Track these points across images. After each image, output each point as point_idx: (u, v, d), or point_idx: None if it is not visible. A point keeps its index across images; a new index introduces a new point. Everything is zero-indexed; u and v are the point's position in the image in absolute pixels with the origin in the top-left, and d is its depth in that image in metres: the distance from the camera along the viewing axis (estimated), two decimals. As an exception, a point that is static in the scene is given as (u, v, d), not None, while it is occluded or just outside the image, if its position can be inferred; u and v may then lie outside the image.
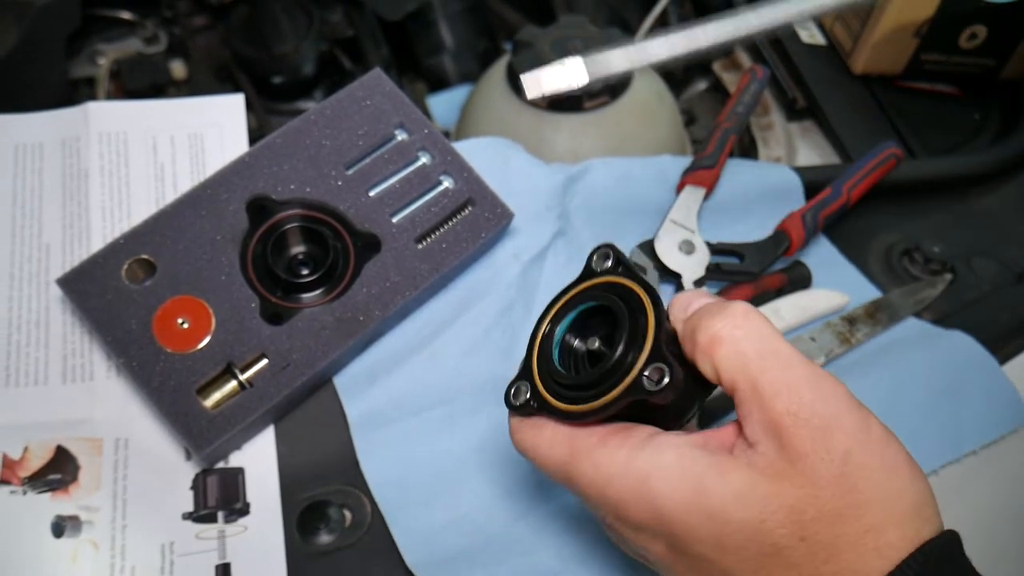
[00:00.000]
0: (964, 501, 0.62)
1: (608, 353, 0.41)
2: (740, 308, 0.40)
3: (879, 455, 0.38)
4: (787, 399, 0.38)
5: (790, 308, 0.67)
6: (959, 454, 0.62)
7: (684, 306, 0.43)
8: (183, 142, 0.67)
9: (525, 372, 0.45)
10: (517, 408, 0.45)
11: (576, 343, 0.45)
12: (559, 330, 0.45)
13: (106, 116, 0.66)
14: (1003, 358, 0.67)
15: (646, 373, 0.40)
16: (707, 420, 0.59)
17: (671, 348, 0.41)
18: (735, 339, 0.39)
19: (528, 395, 0.44)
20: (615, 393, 0.40)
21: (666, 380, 0.39)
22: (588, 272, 0.46)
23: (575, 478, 0.42)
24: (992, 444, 0.63)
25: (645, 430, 0.42)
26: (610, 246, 0.46)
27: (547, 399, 0.43)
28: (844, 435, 0.37)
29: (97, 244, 0.61)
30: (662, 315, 0.41)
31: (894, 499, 0.37)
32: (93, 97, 0.87)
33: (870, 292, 0.71)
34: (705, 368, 0.40)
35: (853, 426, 0.38)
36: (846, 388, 0.39)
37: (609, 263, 0.45)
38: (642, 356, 0.40)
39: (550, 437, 0.43)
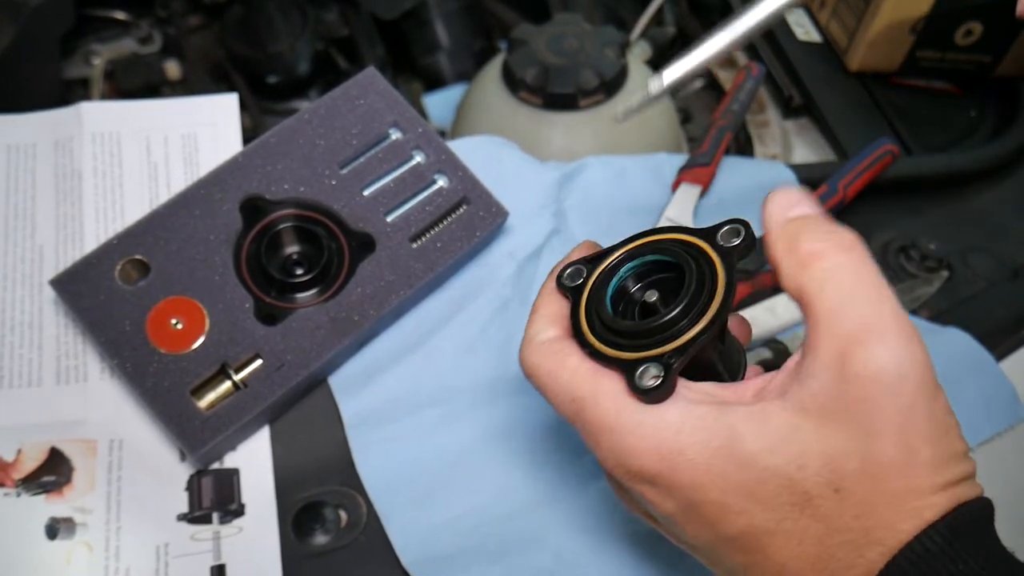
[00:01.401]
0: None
1: (663, 311, 0.39)
2: (851, 235, 0.37)
3: (940, 417, 0.36)
4: (865, 336, 0.35)
5: (786, 305, 0.67)
6: (956, 451, 0.62)
7: (787, 204, 0.39)
8: (176, 142, 0.66)
9: (575, 292, 0.43)
10: (567, 288, 0.43)
11: (634, 289, 0.43)
12: (623, 270, 0.43)
13: (99, 116, 0.66)
14: (1000, 354, 0.67)
15: (646, 365, 0.38)
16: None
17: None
18: (839, 259, 0.36)
19: (578, 283, 0.43)
20: (655, 352, 0.38)
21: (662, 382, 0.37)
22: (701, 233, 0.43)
23: (589, 418, 0.39)
24: (988, 441, 0.63)
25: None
26: (744, 223, 0.41)
27: (584, 330, 0.41)
28: (912, 389, 0.35)
29: (90, 245, 0.61)
30: (730, 298, 0.39)
31: (946, 463, 0.35)
32: (87, 97, 0.86)
33: (866, 289, 0.71)
34: (790, 278, 0.37)
35: (925, 381, 0.35)
36: (927, 350, 0.36)
37: (738, 240, 0.41)
38: (697, 326, 0.38)
39: (574, 368, 0.40)
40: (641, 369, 0.38)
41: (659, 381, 0.37)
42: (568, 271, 0.44)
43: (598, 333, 0.41)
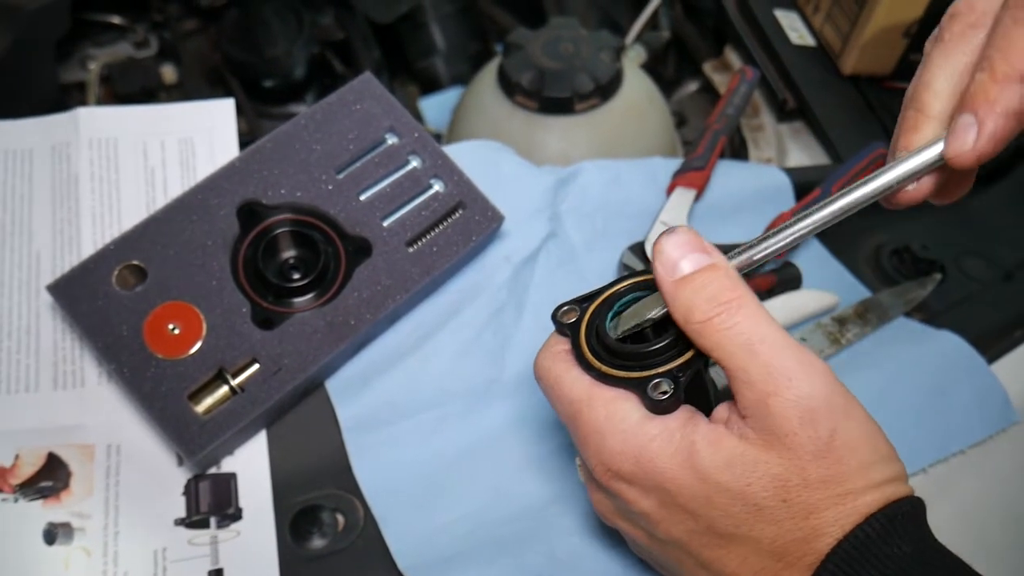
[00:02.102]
0: (952, 500, 0.62)
1: (666, 334, 0.44)
2: (731, 294, 0.42)
3: (861, 433, 0.41)
4: (776, 382, 0.40)
5: (780, 308, 0.67)
6: (947, 453, 0.62)
7: (671, 264, 0.43)
8: (173, 147, 0.67)
9: (579, 312, 0.48)
10: (561, 325, 0.48)
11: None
12: (626, 299, 0.47)
13: (96, 121, 0.66)
14: (992, 357, 0.67)
15: (656, 380, 0.43)
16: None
17: None
18: (729, 326, 0.41)
19: (573, 321, 0.47)
20: (645, 374, 0.44)
21: (667, 398, 0.43)
22: None
23: (584, 420, 0.44)
24: (980, 444, 0.63)
25: None
26: None
27: (589, 358, 0.46)
28: (828, 415, 0.40)
29: (88, 250, 0.61)
30: None
31: (874, 469, 0.41)
32: (83, 102, 0.86)
33: (860, 292, 0.71)
34: (700, 344, 0.42)
35: (838, 407, 0.41)
36: (831, 371, 0.42)
37: None
38: (680, 359, 0.44)
39: (577, 375, 0.45)
40: (652, 384, 0.43)
41: (670, 393, 0.42)
42: (563, 310, 0.48)
43: (604, 359, 0.45)
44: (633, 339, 0.46)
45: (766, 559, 0.41)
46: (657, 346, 0.44)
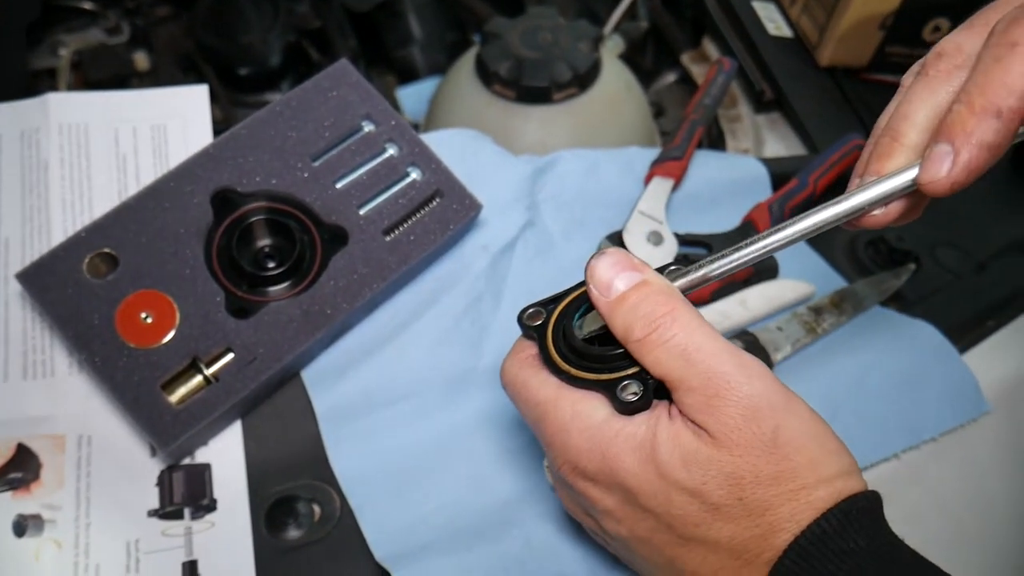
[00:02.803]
0: (924, 486, 0.63)
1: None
2: (664, 308, 0.43)
3: (805, 428, 0.42)
4: (716, 386, 0.42)
5: (757, 298, 0.67)
6: (919, 440, 0.63)
7: (604, 286, 0.45)
8: (145, 134, 0.66)
9: (547, 303, 0.48)
10: (527, 328, 0.48)
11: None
12: (583, 308, 0.47)
13: (66, 107, 0.65)
14: (964, 346, 0.68)
15: (626, 382, 0.44)
16: None
17: None
18: (665, 340, 0.43)
19: (540, 323, 0.47)
20: (614, 376, 0.44)
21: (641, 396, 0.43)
22: None
23: (549, 420, 0.45)
24: (952, 432, 0.64)
25: None
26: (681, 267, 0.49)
27: (556, 360, 0.46)
28: (771, 412, 0.42)
29: (58, 237, 0.60)
30: None
31: (823, 464, 0.42)
32: (54, 88, 0.85)
33: (835, 282, 0.71)
34: (642, 361, 0.43)
35: (779, 404, 0.42)
36: (770, 371, 0.43)
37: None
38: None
39: (544, 378, 0.46)
40: (621, 386, 0.43)
41: (639, 395, 0.43)
42: (528, 312, 0.48)
43: (571, 361, 0.46)
44: (601, 340, 0.46)
45: (725, 558, 0.42)
46: (624, 348, 0.44)
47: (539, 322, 0.48)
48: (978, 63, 0.43)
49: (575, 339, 0.46)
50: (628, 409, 0.43)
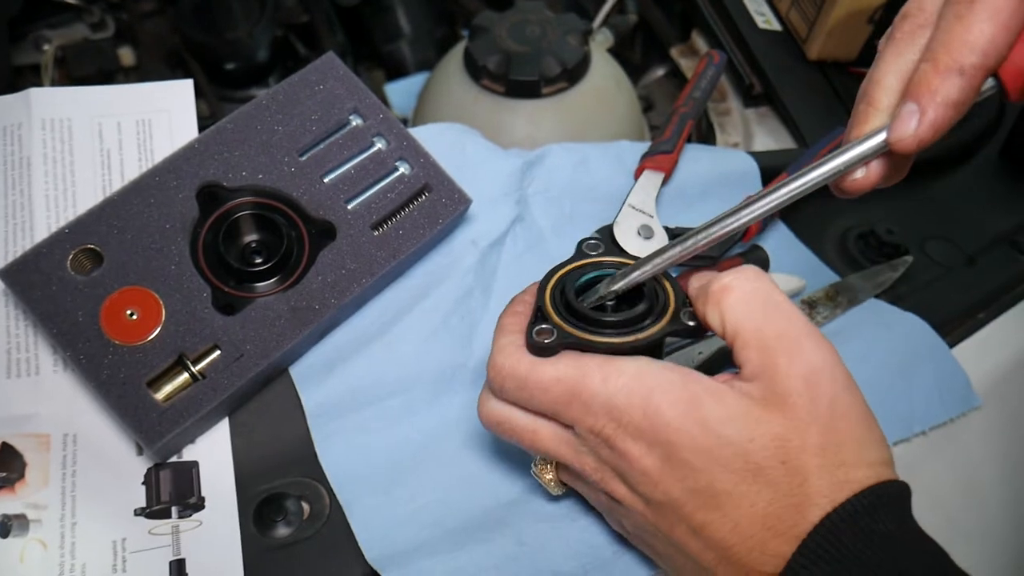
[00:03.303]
0: (915, 480, 0.62)
1: (643, 302, 0.48)
2: (751, 268, 0.46)
3: (859, 409, 0.44)
4: (785, 346, 0.43)
5: (748, 292, 0.67)
6: (909, 434, 0.63)
7: (701, 276, 0.48)
8: (130, 128, 0.65)
9: (537, 315, 0.50)
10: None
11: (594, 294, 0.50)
12: (588, 276, 0.51)
13: (49, 102, 0.64)
14: (954, 340, 0.68)
15: (684, 311, 0.48)
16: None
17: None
18: (744, 289, 0.45)
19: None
20: (656, 328, 0.47)
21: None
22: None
23: (584, 387, 0.45)
24: (942, 426, 0.64)
25: (643, 358, 0.46)
26: (597, 238, 0.55)
27: (552, 317, 0.48)
28: (831, 384, 0.43)
29: (41, 234, 0.59)
30: (677, 320, 0.48)
31: (868, 445, 0.43)
32: (38, 84, 0.84)
33: (826, 276, 0.71)
34: (712, 317, 0.46)
35: (840, 378, 0.44)
36: (834, 347, 0.45)
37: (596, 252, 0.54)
38: (671, 303, 0.48)
39: (553, 371, 0.46)
40: (683, 312, 0.48)
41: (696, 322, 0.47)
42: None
43: (582, 328, 0.47)
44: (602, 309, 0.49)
45: (757, 526, 0.42)
46: (632, 315, 0.47)
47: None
48: (940, 21, 0.44)
49: (576, 302, 0.48)
50: (694, 330, 0.47)
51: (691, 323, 0.47)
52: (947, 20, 0.43)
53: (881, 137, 0.45)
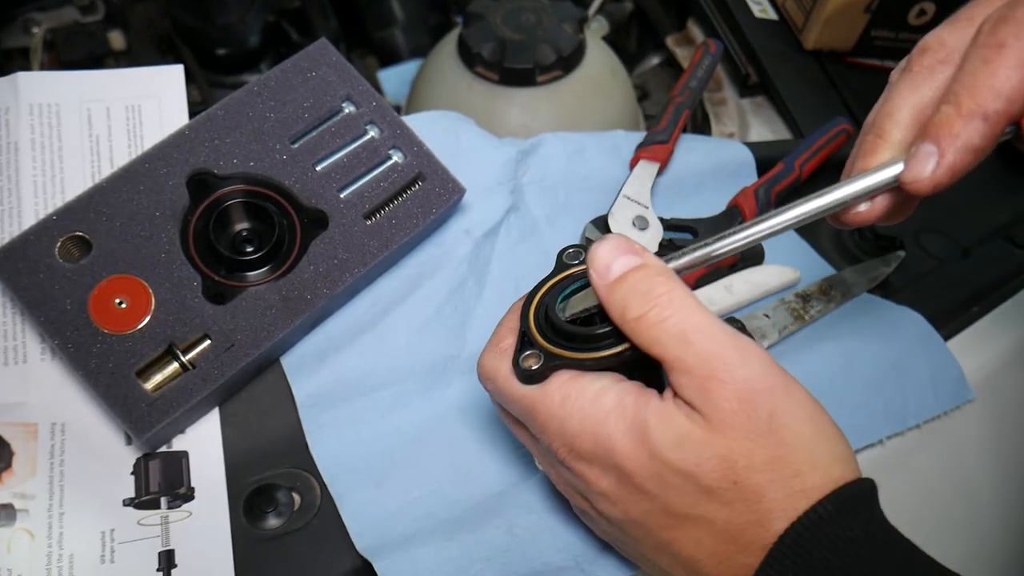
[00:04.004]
0: (908, 472, 0.63)
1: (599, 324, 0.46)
2: (662, 289, 0.43)
3: (802, 412, 0.42)
4: (712, 367, 0.41)
5: (742, 284, 0.67)
6: (903, 427, 0.63)
7: (604, 270, 0.45)
8: (119, 114, 0.64)
9: (523, 340, 0.48)
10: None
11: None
12: (569, 288, 0.48)
13: (37, 86, 0.63)
14: (949, 333, 0.68)
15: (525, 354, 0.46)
16: None
17: None
18: (663, 319, 0.42)
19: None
20: (618, 350, 0.44)
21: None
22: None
23: (539, 407, 0.45)
24: (936, 419, 0.64)
25: (611, 375, 0.45)
26: (582, 247, 0.50)
27: (534, 333, 0.47)
28: (768, 396, 0.41)
29: (29, 220, 0.59)
30: None
31: (818, 449, 0.41)
32: (27, 68, 0.83)
33: (821, 267, 0.71)
34: (633, 338, 0.43)
35: (776, 387, 0.42)
36: (768, 354, 0.43)
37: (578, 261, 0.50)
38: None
39: (518, 387, 0.46)
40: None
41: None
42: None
43: (557, 344, 0.46)
44: (583, 323, 0.47)
45: (720, 542, 0.42)
46: (606, 329, 0.45)
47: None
48: (965, 63, 0.43)
49: (559, 321, 0.46)
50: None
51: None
52: (973, 63, 0.42)
53: (892, 172, 0.43)
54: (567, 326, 0.46)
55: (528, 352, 0.46)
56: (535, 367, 0.46)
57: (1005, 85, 0.41)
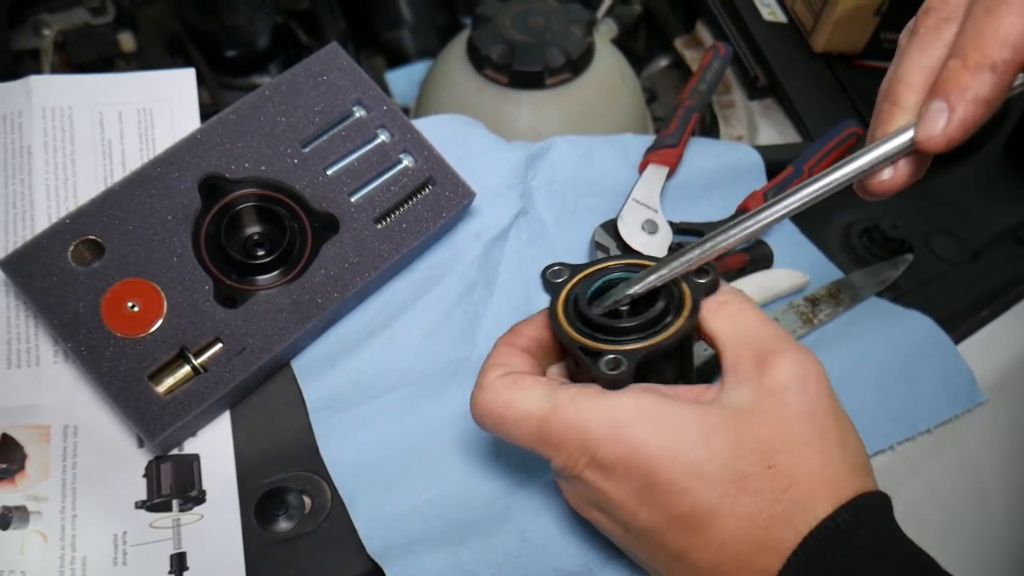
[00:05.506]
0: (919, 478, 0.63)
1: (648, 309, 0.46)
2: (736, 289, 0.48)
3: (839, 412, 0.44)
4: (776, 344, 0.44)
5: (752, 287, 0.67)
6: (914, 432, 0.63)
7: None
8: (131, 117, 0.64)
9: (569, 267, 0.50)
10: (552, 285, 0.50)
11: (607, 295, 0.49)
12: (603, 279, 0.49)
13: (49, 90, 0.64)
14: (959, 337, 0.68)
15: (609, 356, 0.44)
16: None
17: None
18: (741, 306, 0.46)
19: (563, 279, 0.50)
20: (664, 336, 0.45)
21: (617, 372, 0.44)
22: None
23: (553, 427, 0.44)
24: (947, 423, 0.64)
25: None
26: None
27: (564, 325, 0.47)
28: (817, 383, 0.44)
29: (41, 224, 0.59)
30: (699, 301, 0.47)
31: (850, 450, 0.43)
32: (37, 70, 0.83)
33: (830, 271, 0.71)
34: (706, 321, 0.46)
35: (825, 382, 0.44)
36: (820, 362, 0.45)
37: None
38: (679, 320, 0.45)
39: (527, 394, 0.46)
40: (605, 359, 0.44)
41: (624, 367, 0.44)
42: (553, 269, 0.50)
43: (581, 331, 0.46)
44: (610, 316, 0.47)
45: (743, 544, 0.41)
46: (640, 321, 0.45)
47: (562, 279, 0.49)
48: (968, 15, 0.42)
49: (591, 313, 0.47)
50: (606, 380, 0.44)
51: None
52: (976, 14, 0.42)
53: (907, 136, 0.43)
54: (602, 319, 0.46)
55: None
56: (556, 281, 0.48)
57: (1011, 32, 0.40)
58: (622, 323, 0.46)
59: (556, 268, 0.50)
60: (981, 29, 0.41)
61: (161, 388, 0.55)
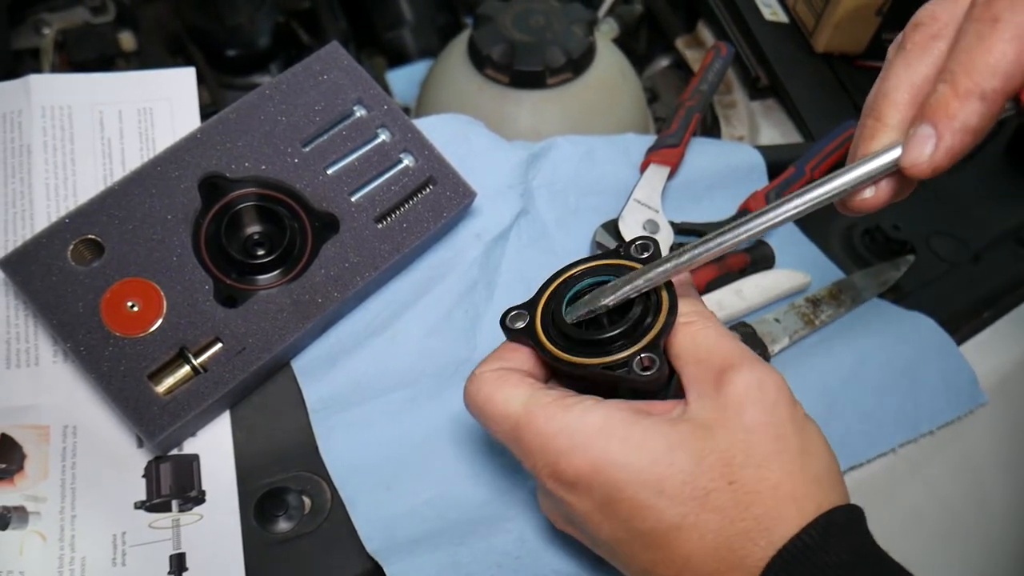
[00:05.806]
0: (921, 479, 0.63)
1: (619, 322, 0.46)
2: (704, 307, 0.48)
3: (800, 421, 0.43)
4: (733, 359, 0.44)
5: (753, 288, 0.67)
6: (916, 434, 0.62)
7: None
8: (131, 117, 0.64)
9: (529, 305, 0.49)
10: (511, 332, 0.49)
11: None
12: (579, 285, 0.49)
13: (49, 89, 0.63)
14: (961, 338, 0.68)
15: (642, 355, 0.45)
16: None
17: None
18: (700, 325, 0.46)
19: (524, 325, 0.48)
20: (617, 358, 0.45)
21: (654, 370, 0.44)
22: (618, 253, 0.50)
23: (524, 432, 0.45)
24: (949, 425, 0.64)
25: (594, 397, 0.45)
26: (652, 239, 0.49)
27: (540, 337, 0.47)
28: (776, 394, 0.43)
29: (41, 223, 0.59)
30: (675, 311, 0.46)
31: (813, 460, 0.42)
32: (37, 69, 0.83)
33: (831, 271, 0.71)
34: (671, 343, 0.46)
35: (785, 393, 0.44)
36: (778, 373, 0.45)
37: (647, 254, 0.49)
38: (644, 341, 0.45)
39: (508, 394, 0.46)
40: (637, 359, 0.45)
41: (656, 363, 0.44)
42: (511, 314, 0.49)
43: (556, 343, 0.47)
44: (586, 327, 0.47)
45: (709, 561, 0.41)
46: (620, 330, 0.46)
47: (522, 325, 0.48)
48: (960, 39, 0.41)
49: (570, 328, 0.47)
50: (645, 380, 0.44)
51: (642, 373, 0.45)
52: (967, 38, 0.41)
53: (891, 156, 0.42)
54: (580, 333, 0.46)
55: (521, 311, 0.47)
56: (513, 327, 0.47)
57: (1001, 62, 0.39)
58: (615, 330, 0.46)
59: (514, 313, 0.49)
60: (972, 56, 0.40)
61: (161, 388, 0.55)
